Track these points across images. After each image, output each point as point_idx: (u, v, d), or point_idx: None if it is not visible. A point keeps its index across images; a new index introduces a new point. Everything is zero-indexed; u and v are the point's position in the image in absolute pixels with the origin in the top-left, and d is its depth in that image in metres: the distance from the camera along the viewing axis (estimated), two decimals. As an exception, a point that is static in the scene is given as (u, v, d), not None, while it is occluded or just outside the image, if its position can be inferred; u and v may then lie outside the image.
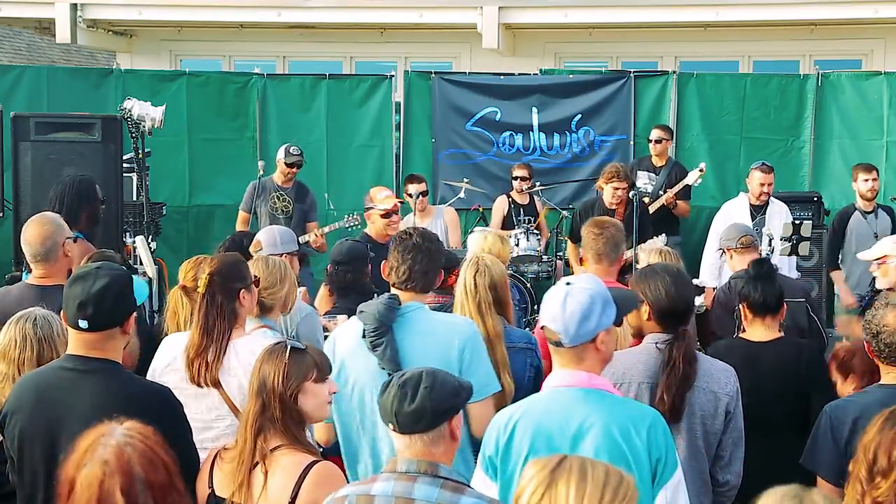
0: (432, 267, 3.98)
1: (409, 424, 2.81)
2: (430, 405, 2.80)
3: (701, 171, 8.85)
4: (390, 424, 2.85)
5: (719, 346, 4.71)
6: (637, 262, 6.46)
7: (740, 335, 4.78)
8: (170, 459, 2.44)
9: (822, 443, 3.79)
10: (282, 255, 5.16)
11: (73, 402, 3.23)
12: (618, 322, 3.17)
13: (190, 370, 3.85)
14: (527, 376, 4.30)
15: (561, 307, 3.05)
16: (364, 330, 3.82)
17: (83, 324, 3.28)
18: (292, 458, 3.15)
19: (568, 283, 3.11)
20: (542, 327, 3.15)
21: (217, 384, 3.85)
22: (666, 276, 3.93)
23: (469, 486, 2.86)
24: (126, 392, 3.26)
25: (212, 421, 3.87)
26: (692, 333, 4.03)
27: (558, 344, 3.08)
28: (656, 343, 3.83)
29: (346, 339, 3.94)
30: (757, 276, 4.66)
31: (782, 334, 4.72)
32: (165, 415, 3.26)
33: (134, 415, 2.94)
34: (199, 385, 3.85)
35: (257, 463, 3.17)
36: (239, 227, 8.99)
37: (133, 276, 3.52)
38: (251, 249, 5.32)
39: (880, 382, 3.88)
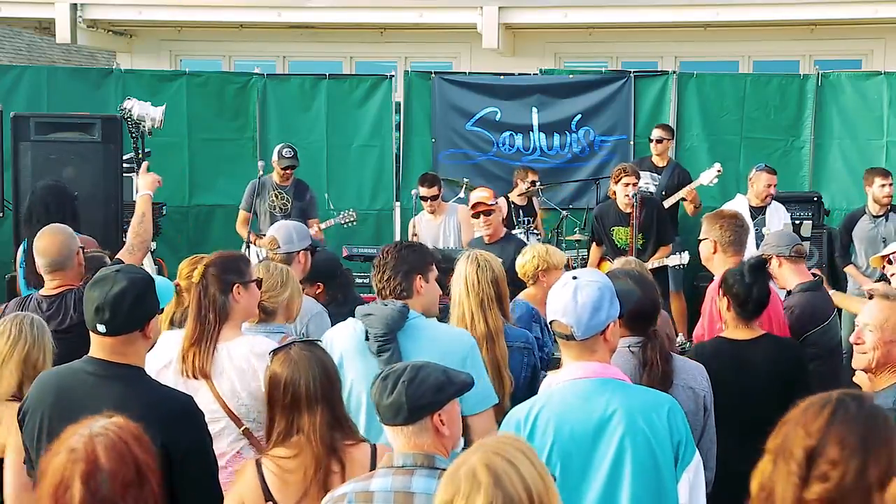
0: (395, 273, 3.98)
1: (388, 417, 2.84)
2: (405, 400, 2.80)
3: (718, 171, 8.69)
4: (377, 415, 2.89)
5: (705, 348, 4.58)
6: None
7: (720, 334, 4.63)
8: (145, 458, 2.39)
9: None
10: (298, 251, 5.13)
11: (93, 407, 3.15)
12: (621, 314, 3.20)
13: (184, 362, 3.83)
14: (523, 375, 4.32)
15: (572, 299, 3.08)
16: (368, 333, 3.84)
17: (101, 328, 3.27)
18: (361, 450, 3.20)
19: (574, 277, 3.13)
20: (550, 322, 3.16)
21: (206, 376, 3.80)
22: (628, 279, 3.91)
23: None
24: (147, 400, 3.22)
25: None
26: (663, 334, 4.05)
27: (569, 337, 3.10)
28: (629, 346, 3.85)
29: (344, 340, 3.95)
30: (754, 279, 4.49)
31: (764, 331, 4.61)
32: (185, 424, 3.25)
33: (154, 422, 2.93)
34: (193, 377, 3.81)
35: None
36: (239, 226, 9.02)
37: (159, 278, 3.51)
38: (266, 246, 5.22)
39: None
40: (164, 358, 3.94)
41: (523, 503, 2.12)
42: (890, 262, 5.96)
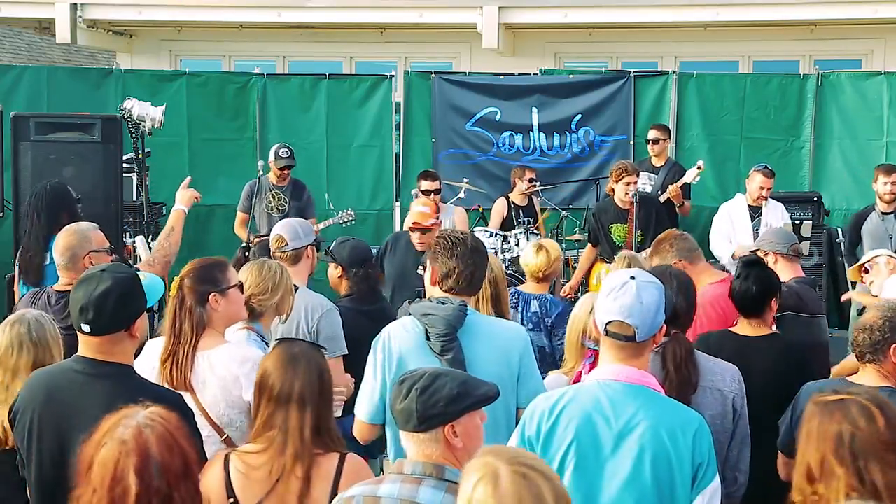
0: (480, 268, 3.95)
1: (401, 422, 2.81)
2: (415, 407, 2.76)
3: (699, 168, 8.75)
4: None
5: (710, 340, 4.56)
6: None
7: (730, 329, 4.64)
8: (189, 448, 2.40)
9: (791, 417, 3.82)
10: (306, 246, 5.16)
11: (83, 406, 3.20)
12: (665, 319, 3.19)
13: (162, 373, 3.80)
14: None
15: (637, 300, 3.00)
16: (428, 332, 3.81)
17: (86, 328, 3.27)
18: (328, 459, 3.14)
19: (632, 277, 3.06)
20: (608, 322, 3.05)
21: (189, 388, 3.77)
22: (674, 281, 3.92)
23: None
24: (136, 398, 3.23)
25: None
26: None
27: (629, 339, 3.02)
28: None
29: (403, 339, 3.88)
30: (746, 273, 4.52)
31: (773, 330, 4.63)
32: None
33: None
34: (174, 387, 3.76)
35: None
36: (237, 227, 8.97)
37: (149, 276, 3.49)
38: (273, 245, 5.19)
39: (848, 378, 3.81)
40: (149, 365, 3.89)
41: None
42: (867, 271, 5.97)
